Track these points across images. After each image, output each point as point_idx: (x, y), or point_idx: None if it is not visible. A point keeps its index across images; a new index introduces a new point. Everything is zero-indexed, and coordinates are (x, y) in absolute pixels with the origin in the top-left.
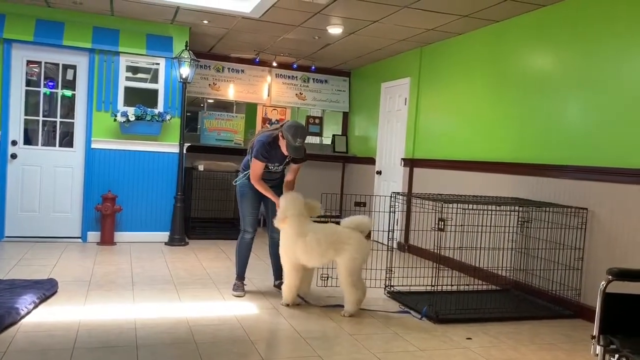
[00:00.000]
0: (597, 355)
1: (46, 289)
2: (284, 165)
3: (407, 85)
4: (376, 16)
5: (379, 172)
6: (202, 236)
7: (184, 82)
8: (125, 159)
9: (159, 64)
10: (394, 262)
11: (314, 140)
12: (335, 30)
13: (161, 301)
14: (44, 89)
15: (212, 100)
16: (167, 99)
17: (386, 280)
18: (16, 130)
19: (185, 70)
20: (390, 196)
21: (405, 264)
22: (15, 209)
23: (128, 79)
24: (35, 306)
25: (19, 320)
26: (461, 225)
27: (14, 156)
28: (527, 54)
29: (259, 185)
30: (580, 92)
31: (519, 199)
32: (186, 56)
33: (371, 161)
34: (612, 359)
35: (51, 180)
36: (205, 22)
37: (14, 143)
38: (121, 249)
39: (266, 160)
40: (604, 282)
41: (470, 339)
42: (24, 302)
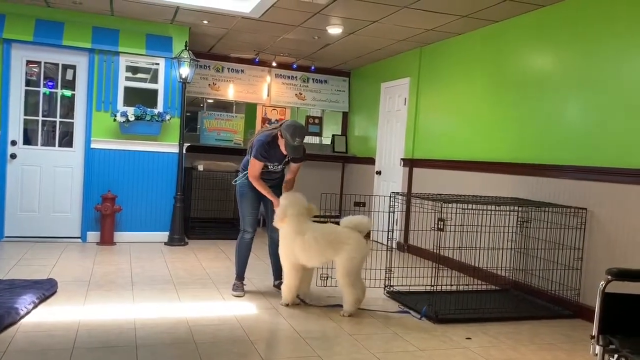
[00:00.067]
0: (596, 355)
1: (46, 289)
2: (284, 165)
3: (407, 85)
4: (376, 16)
5: (378, 172)
6: (202, 236)
7: (184, 82)
8: (125, 159)
9: (158, 64)
10: (393, 262)
11: (314, 140)
12: (335, 30)
13: (161, 301)
14: (43, 89)
15: (212, 100)
16: (166, 99)
17: (386, 280)
18: (16, 130)
19: (184, 70)
20: (390, 196)
21: (404, 264)
22: (14, 209)
23: (128, 79)
24: (35, 306)
25: (19, 320)
26: (460, 225)
27: (13, 156)
28: (527, 54)
29: (257, 184)
30: (580, 92)
31: (519, 199)
32: (186, 56)
33: (371, 161)
34: (612, 359)
35: (51, 180)
36: (205, 22)
37: (13, 143)
38: (121, 249)
39: (265, 160)
40: (603, 282)
41: (469, 339)
42: (24, 302)
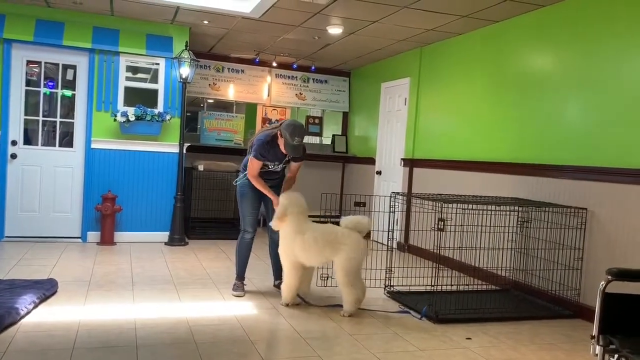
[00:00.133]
0: (596, 355)
1: (46, 289)
2: (284, 164)
3: (407, 85)
4: (376, 16)
5: (378, 172)
6: (202, 236)
7: (184, 82)
8: (125, 159)
9: (158, 64)
10: (393, 262)
11: (314, 140)
12: (335, 30)
13: (161, 301)
14: (44, 89)
15: (212, 100)
16: (167, 99)
17: (386, 280)
18: (16, 130)
19: (185, 70)
20: (390, 196)
21: (405, 264)
22: (15, 209)
23: (128, 79)
24: (35, 306)
25: (19, 320)
26: (461, 225)
27: (13, 156)
28: (527, 54)
29: (256, 182)
30: (580, 92)
31: (519, 199)
32: (186, 56)
33: (371, 161)
34: (612, 359)
35: (51, 180)
36: (205, 22)
37: (13, 143)
38: (121, 249)
39: (264, 159)
40: (603, 282)
41: (470, 339)
42: (24, 302)
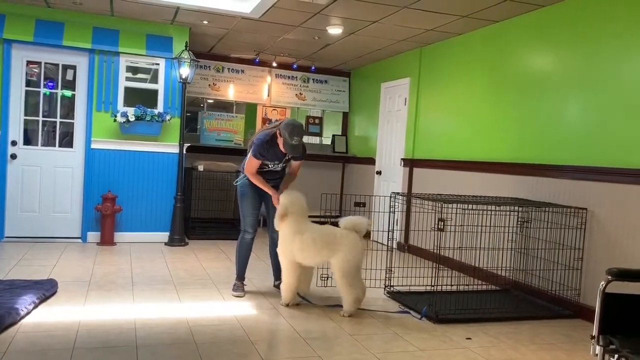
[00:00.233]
0: (596, 355)
1: (46, 289)
2: (284, 164)
3: (407, 85)
4: (376, 16)
5: (378, 172)
6: (202, 236)
7: (184, 83)
8: (125, 159)
9: (158, 64)
10: (393, 262)
11: (314, 140)
12: (335, 30)
13: (161, 301)
14: (43, 89)
15: (212, 101)
16: (167, 99)
17: (386, 280)
18: (16, 131)
19: (185, 71)
20: (390, 196)
21: (405, 264)
22: (15, 209)
23: (128, 79)
24: (35, 306)
25: (19, 320)
26: (461, 226)
27: (13, 156)
28: (527, 54)
29: (254, 178)
30: (580, 92)
31: (519, 199)
32: (186, 56)
33: (371, 161)
34: (612, 359)
35: (51, 181)
36: (205, 22)
37: (13, 143)
38: (121, 249)
39: (263, 159)
40: (603, 282)
41: (470, 339)
42: (24, 302)
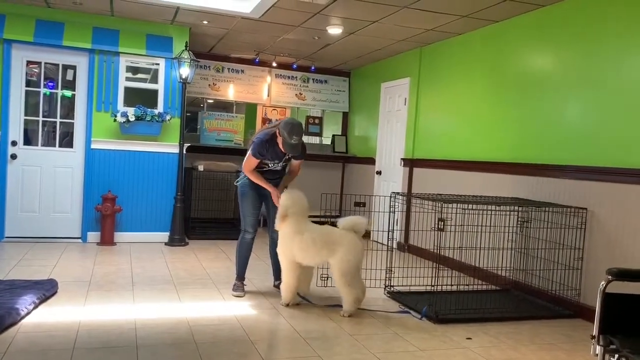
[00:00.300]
0: (597, 355)
1: (46, 290)
2: (284, 163)
3: (407, 85)
4: (376, 16)
5: (378, 172)
6: (202, 236)
7: (184, 83)
8: (125, 159)
9: (158, 64)
10: (393, 262)
11: (314, 140)
12: (335, 30)
13: (161, 301)
14: (43, 90)
15: (212, 101)
16: (167, 99)
17: (386, 280)
18: (16, 131)
19: (185, 71)
20: (390, 196)
21: (405, 264)
22: (15, 209)
23: (128, 79)
24: (36, 306)
25: (19, 320)
26: (461, 225)
27: (14, 156)
28: (527, 53)
29: (252, 175)
30: (580, 91)
31: (519, 199)
32: (186, 56)
33: (371, 161)
34: (612, 359)
35: (51, 181)
36: (205, 22)
37: (13, 143)
38: (121, 249)
39: (262, 158)
40: (603, 282)
41: (470, 339)
42: (24, 302)
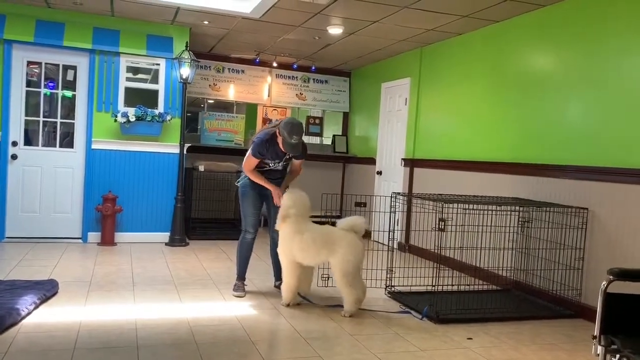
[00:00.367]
0: (598, 355)
1: (47, 290)
2: (285, 162)
3: (408, 85)
4: (376, 16)
5: (379, 173)
6: (203, 237)
7: (184, 83)
8: (125, 159)
9: (159, 64)
10: (394, 262)
11: (315, 140)
12: (335, 30)
13: (162, 302)
14: (44, 90)
15: (213, 101)
16: (167, 99)
17: (387, 280)
18: (16, 131)
19: (185, 71)
20: (391, 196)
21: (405, 264)
22: (15, 209)
23: (128, 79)
24: (36, 307)
25: (20, 320)
26: (462, 226)
27: (14, 157)
28: (528, 53)
29: (252, 175)
30: (581, 91)
31: (520, 199)
32: (186, 57)
33: (371, 161)
34: (613, 359)
35: (52, 181)
36: (206, 22)
37: (14, 144)
38: (122, 250)
39: (262, 157)
40: (605, 282)
41: (471, 339)
42: (25, 302)
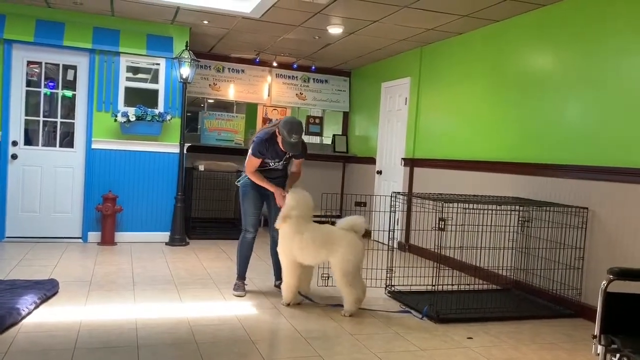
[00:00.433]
0: (598, 354)
1: (47, 289)
2: (285, 162)
3: (408, 85)
4: (376, 16)
5: (379, 172)
6: (203, 236)
7: (184, 82)
8: (125, 159)
9: (159, 64)
10: (394, 262)
11: (315, 140)
12: (335, 30)
13: (162, 301)
14: (44, 90)
15: (213, 101)
16: (167, 99)
17: (387, 280)
18: (17, 131)
19: (185, 71)
20: (391, 196)
21: (405, 263)
22: (16, 209)
23: (128, 79)
24: (36, 306)
25: (20, 320)
26: (462, 225)
27: (14, 156)
28: (527, 53)
29: (254, 177)
30: (581, 91)
31: (520, 198)
32: (186, 56)
33: (371, 161)
34: (614, 358)
35: (52, 181)
36: (206, 22)
37: (14, 143)
38: (122, 249)
39: (262, 157)
40: (605, 281)
41: (471, 338)
42: (25, 302)
